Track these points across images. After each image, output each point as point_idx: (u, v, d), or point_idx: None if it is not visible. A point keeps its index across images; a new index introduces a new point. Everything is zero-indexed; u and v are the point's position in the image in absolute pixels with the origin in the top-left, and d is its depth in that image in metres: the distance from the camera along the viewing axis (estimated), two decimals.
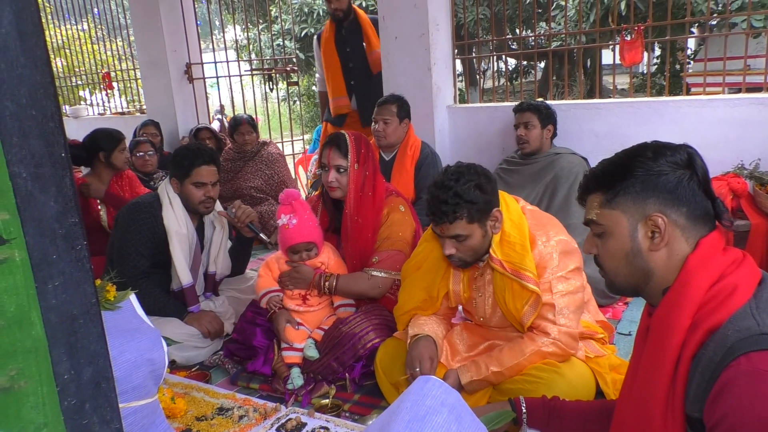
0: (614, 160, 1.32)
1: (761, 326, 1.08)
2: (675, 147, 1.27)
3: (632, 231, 1.27)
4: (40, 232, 0.73)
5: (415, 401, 1.29)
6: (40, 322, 0.74)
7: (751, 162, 3.23)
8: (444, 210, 1.97)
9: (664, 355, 1.19)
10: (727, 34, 3.91)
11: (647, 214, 1.25)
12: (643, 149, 1.28)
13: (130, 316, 1.49)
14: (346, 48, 4.66)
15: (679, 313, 1.18)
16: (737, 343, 1.08)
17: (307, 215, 2.59)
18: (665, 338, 1.20)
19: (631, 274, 1.30)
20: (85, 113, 7.64)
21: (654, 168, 1.24)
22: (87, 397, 0.79)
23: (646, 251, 1.26)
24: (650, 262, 1.27)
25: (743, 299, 1.15)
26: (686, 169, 1.24)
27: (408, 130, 3.86)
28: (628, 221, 1.27)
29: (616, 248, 1.30)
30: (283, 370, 2.49)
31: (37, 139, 0.72)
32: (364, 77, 4.68)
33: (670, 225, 1.23)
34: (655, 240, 1.24)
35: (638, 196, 1.25)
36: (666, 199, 1.23)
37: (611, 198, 1.29)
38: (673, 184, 1.23)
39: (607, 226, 1.30)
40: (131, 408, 1.40)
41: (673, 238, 1.24)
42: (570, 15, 6.62)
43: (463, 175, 2.01)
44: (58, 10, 7.97)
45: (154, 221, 2.78)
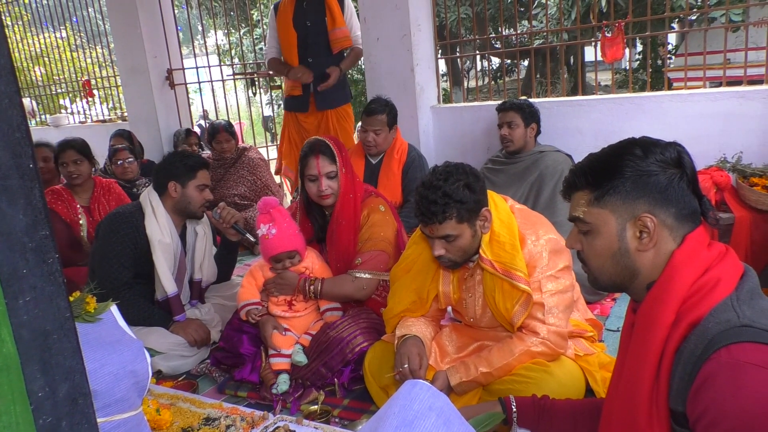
0: (602, 157, 1.30)
1: (741, 318, 1.09)
2: (664, 145, 1.25)
3: (620, 231, 1.26)
4: (8, 246, 0.71)
5: (403, 406, 1.28)
6: (11, 338, 0.72)
7: (733, 155, 3.25)
8: (433, 210, 1.95)
9: (647, 351, 1.19)
10: (707, 29, 3.93)
11: (636, 214, 1.23)
12: (632, 146, 1.26)
13: (111, 327, 1.46)
14: (306, 22, 4.28)
15: (663, 308, 1.18)
16: (717, 336, 1.08)
17: (287, 223, 2.57)
18: (649, 333, 1.20)
19: (617, 272, 1.29)
20: (66, 122, 7.56)
21: (644, 167, 1.22)
22: (63, 414, 0.77)
23: (633, 251, 1.25)
24: (637, 262, 1.26)
25: (725, 292, 1.15)
26: (675, 167, 1.23)
27: (396, 133, 3.86)
28: (616, 221, 1.26)
29: (602, 247, 1.29)
30: (270, 377, 2.47)
31: (3, 150, 0.70)
32: (323, 56, 4.31)
33: (659, 225, 1.22)
34: (644, 240, 1.24)
35: (628, 196, 1.23)
36: (656, 200, 1.22)
37: (600, 196, 1.27)
38: (663, 184, 1.22)
39: (594, 224, 1.28)
40: (114, 422, 1.37)
41: (661, 238, 1.23)
42: (551, 13, 6.65)
43: (452, 174, 1.99)
44: (36, 19, 7.89)
45: (135, 231, 2.75)
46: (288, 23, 4.27)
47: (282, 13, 4.32)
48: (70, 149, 3.59)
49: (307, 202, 2.73)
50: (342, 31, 4.25)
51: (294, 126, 4.55)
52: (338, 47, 4.30)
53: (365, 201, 2.70)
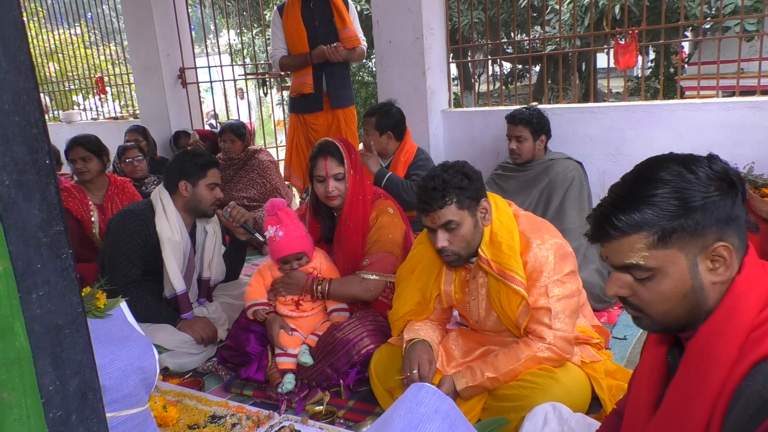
0: (647, 191, 1.11)
1: None
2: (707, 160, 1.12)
3: (692, 267, 1.10)
4: (23, 241, 0.71)
5: (409, 409, 1.28)
6: (24, 332, 0.72)
7: (745, 165, 3.23)
8: (433, 196, 2.00)
9: (703, 390, 1.07)
10: (721, 38, 3.92)
11: (708, 244, 1.09)
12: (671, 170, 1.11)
13: (120, 323, 1.47)
14: (314, 21, 4.27)
15: (725, 345, 1.05)
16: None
17: (294, 225, 2.57)
18: (706, 372, 1.07)
19: (686, 312, 1.13)
20: (78, 118, 7.61)
21: (704, 192, 1.08)
22: (73, 408, 0.78)
23: (708, 285, 1.11)
24: (710, 296, 1.11)
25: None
26: (728, 183, 1.10)
27: (404, 138, 3.84)
28: (686, 258, 1.10)
29: (671, 289, 1.12)
30: (276, 376, 2.47)
31: (21, 145, 0.70)
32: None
33: (733, 251, 1.09)
34: (719, 270, 1.09)
35: (697, 228, 1.08)
36: (723, 225, 1.09)
37: (665, 236, 1.09)
38: (729, 206, 1.09)
39: (659, 268, 1.11)
40: (121, 417, 1.38)
41: (733, 264, 1.10)
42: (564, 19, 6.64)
43: (451, 166, 2.07)
44: (51, 15, 7.95)
45: (146, 229, 2.76)
46: (298, 22, 4.27)
47: (289, 13, 4.31)
48: (78, 146, 3.61)
49: (316, 202, 2.74)
50: (351, 30, 4.24)
51: (301, 130, 4.51)
52: (349, 46, 4.27)
53: (374, 203, 2.71)
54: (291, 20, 4.29)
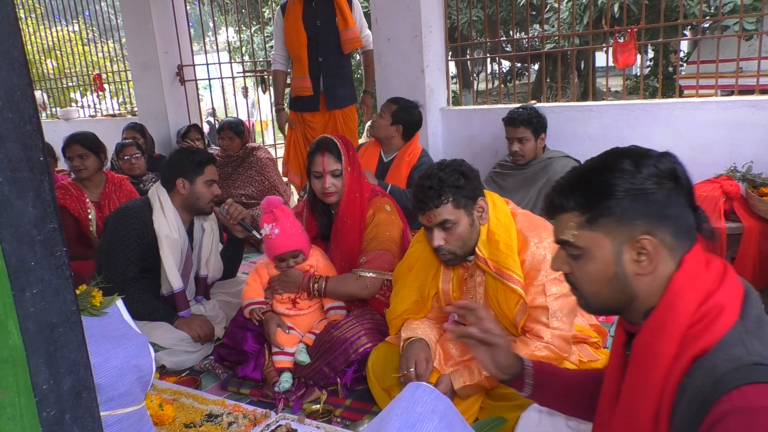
0: (590, 174, 1.19)
1: (752, 354, 1.01)
2: (657, 156, 1.16)
3: (617, 254, 1.15)
4: (17, 238, 0.71)
5: (406, 408, 1.27)
6: (17, 330, 0.72)
7: (743, 164, 3.23)
8: (429, 195, 2.00)
9: (648, 385, 1.11)
10: (720, 37, 3.91)
11: (634, 236, 1.13)
12: (620, 159, 1.16)
13: (116, 321, 1.46)
14: (316, 22, 4.24)
15: (665, 340, 1.09)
16: (728, 375, 1.00)
17: (290, 223, 2.57)
18: (649, 367, 1.12)
19: (613, 297, 1.19)
20: (76, 115, 7.59)
21: (639, 184, 1.12)
22: (67, 407, 0.77)
23: (631, 275, 1.15)
24: (635, 286, 1.16)
25: (730, 321, 1.06)
26: (671, 180, 1.13)
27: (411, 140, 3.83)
28: (611, 244, 1.15)
29: (596, 272, 1.18)
30: (273, 375, 2.47)
31: (14, 142, 0.70)
32: (333, 56, 4.31)
33: (659, 246, 1.12)
34: (643, 263, 1.14)
35: (624, 217, 1.13)
36: (654, 219, 1.12)
37: (592, 219, 1.16)
38: (662, 202, 1.12)
39: (586, 248, 1.18)
40: (117, 416, 1.38)
41: (661, 260, 1.13)
42: (563, 17, 6.63)
43: (448, 165, 2.07)
44: (49, 12, 7.92)
45: (143, 226, 2.75)
46: (298, 23, 4.23)
47: (290, 12, 4.27)
48: (75, 144, 3.60)
49: (314, 199, 2.74)
50: (353, 32, 4.23)
51: (299, 127, 4.52)
52: (349, 48, 4.29)
53: (371, 200, 2.71)
54: (291, 20, 4.26)
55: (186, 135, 5.52)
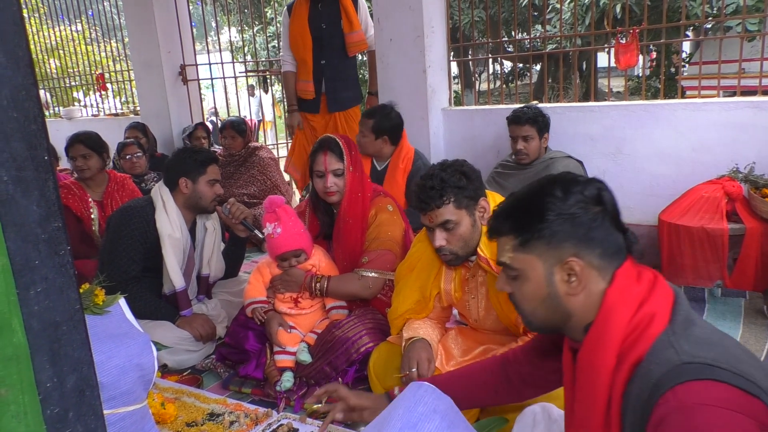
0: (523, 200, 1.28)
1: (681, 354, 1.06)
2: (584, 182, 1.23)
3: (548, 276, 1.22)
4: (21, 237, 0.71)
5: (408, 408, 1.28)
6: (21, 329, 0.72)
7: (746, 165, 3.23)
8: (431, 195, 2.00)
9: (594, 398, 1.16)
10: (722, 38, 3.91)
11: (563, 258, 1.20)
12: (552, 186, 1.23)
13: (119, 320, 1.47)
14: (321, 24, 4.23)
15: (603, 353, 1.15)
16: (661, 378, 1.05)
17: (293, 222, 2.57)
18: (592, 379, 1.17)
19: (549, 316, 1.26)
20: (79, 114, 7.60)
21: (566, 210, 1.20)
22: (70, 405, 0.77)
23: (563, 295, 1.22)
24: (568, 305, 1.22)
25: (661, 327, 1.12)
26: (597, 205, 1.21)
27: (400, 143, 3.78)
28: (543, 266, 1.22)
29: (532, 292, 1.25)
30: (274, 374, 2.47)
31: (19, 141, 0.70)
32: (337, 58, 4.31)
33: (586, 268, 1.19)
34: (573, 284, 1.20)
35: (552, 240, 1.20)
36: (581, 242, 1.19)
37: (524, 242, 1.24)
38: (586, 226, 1.19)
39: (521, 270, 1.25)
40: (119, 414, 1.38)
41: (590, 280, 1.20)
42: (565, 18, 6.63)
43: (449, 165, 2.07)
44: (52, 11, 7.94)
45: (146, 225, 2.76)
46: (303, 24, 4.22)
47: (296, 14, 4.26)
48: (78, 143, 3.60)
49: (316, 198, 2.74)
50: (358, 34, 4.21)
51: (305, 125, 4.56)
52: (354, 51, 4.28)
53: (373, 200, 2.71)
54: (297, 22, 4.25)
55: (192, 134, 5.53)
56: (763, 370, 1.07)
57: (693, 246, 3.10)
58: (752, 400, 1.00)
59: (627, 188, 3.76)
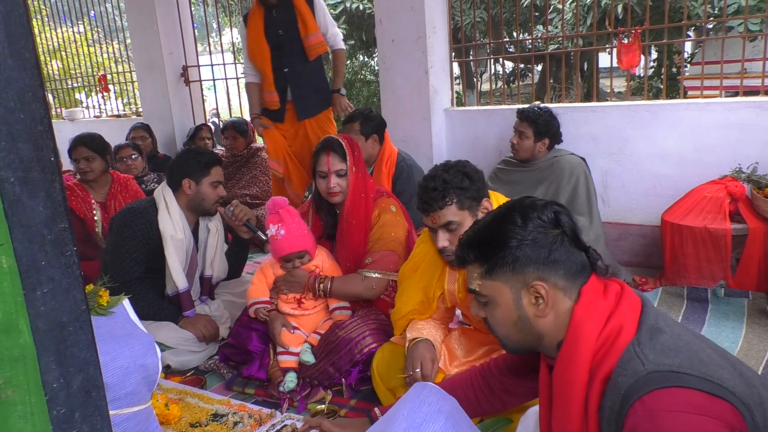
0: (485, 229, 1.31)
1: (646, 364, 1.08)
2: (541, 207, 1.27)
3: (516, 300, 1.26)
4: (28, 238, 0.72)
5: (412, 408, 1.28)
6: (28, 329, 0.72)
7: (748, 165, 3.23)
8: (433, 196, 1.99)
9: (570, 413, 1.18)
10: (724, 38, 3.91)
11: (528, 282, 1.23)
12: (511, 214, 1.27)
13: (123, 321, 1.47)
14: (278, 31, 4.06)
15: (575, 369, 1.17)
16: (629, 389, 1.07)
17: (296, 223, 2.57)
18: (567, 395, 1.19)
19: (522, 338, 1.29)
20: (81, 116, 7.61)
21: (526, 236, 1.23)
22: (77, 405, 0.78)
23: (533, 318, 1.25)
24: (539, 327, 1.25)
25: (628, 338, 1.14)
26: (555, 228, 1.24)
27: (383, 143, 3.74)
28: (510, 291, 1.26)
29: (503, 317, 1.28)
30: (278, 375, 2.47)
31: (26, 143, 0.71)
32: (299, 64, 4.12)
33: (551, 289, 1.22)
34: (540, 306, 1.23)
35: (516, 266, 1.24)
36: (543, 265, 1.22)
37: (490, 269, 1.27)
38: (547, 249, 1.22)
39: (490, 296, 1.28)
40: (124, 415, 1.38)
41: (556, 300, 1.23)
42: (567, 18, 6.63)
43: (452, 166, 2.06)
44: (55, 13, 7.95)
45: (149, 227, 2.76)
46: (260, 34, 4.08)
47: (252, 24, 4.11)
48: (81, 146, 3.60)
49: (319, 199, 2.74)
50: (316, 37, 4.03)
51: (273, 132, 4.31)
52: (314, 54, 4.09)
53: (376, 201, 2.71)
54: (253, 32, 4.11)
55: (196, 134, 5.52)
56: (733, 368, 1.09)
57: (696, 246, 3.10)
58: (719, 402, 1.02)
59: (629, 188, 3.76)
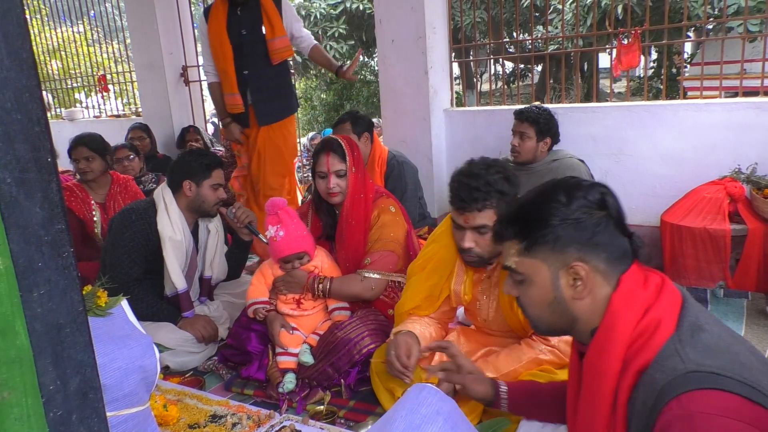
0: (528, 206, 1.29)
1: (686, 363, 1.06)
2: (587, 187, 1.24)
3: (554, 280, 1.23)
4: (24, 239, 0.71)
5: (411, 410, 1.28)
6: (24, 331, 0.72)
7: (748, 166, 3.22)
8: (475, 196, 1.93)
9: (599, 402, 1.17)
10: (724, 38, 3.91)
11: (567, 262, 1.21)
12: (556, 192, 1.24)
13: (121, 322, 1.47)
14: (241, 30, 3.80)
15: (608, 358, 1.15)
16: (666, 387, 1.05)
17: (295, 224, 2.57)
18: (598, 384, 1.17)
19: (556, 320, 1.27)
20: (81, 116, 7.60)
21: (570, 215, 1.20)
22: (73, 408, 0.77)
23: (569, 299, 1.23)
24: (574, 310, 1.23)
25: (667, 333, 1.12)
26: (601, 210, 1.21)
27: (373, 143, 3.74)
28: (548, 270, 1.23)
29: (537, 296, 1.26)
30: (277, 376, 2.47)
31: (23, 143, 0.70)
32: (261, 67, 3.84)
33: (591, 272, 1.20)
34: (578, 288, 1.21)
35: (557, 245, 1.21)
36: (585, 246, 1.20)
37: (529, 247, 1.24)
38: (590, 231, 1.20)
39: (526, 274, 1.26)
40: (122, 416, 1.38)
41: (595, 284, 1.21)
42: (567, 18, 6.63)
43: (492, 166, 1.99)
44: (54, 13, 7.95)
45: (148, 228, 2.76)
46: (221, 32, 3.81)
47: (214, 20, 3.83)
48: (81, 146, 3.59)
49: (318, 199, 2.74)
50: (282, 40, 3.79)
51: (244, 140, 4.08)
52: (278, 58, 3.83)
53: (376, 201, 2.71)
54: (215, 29, 3.84)
55: (183, 138, 5.52)
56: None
57: (695, 247, 3.10)
58: (757, 409, 1.00)
59: (629, 189, 3.76)
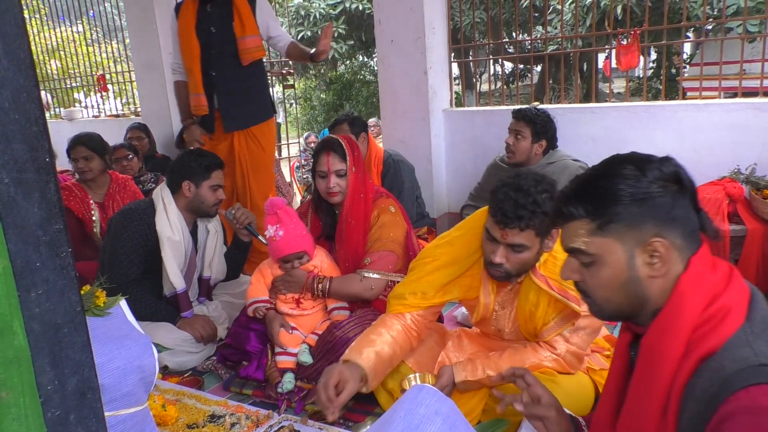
0: (595, 181, 1.21)
1: (758, 355, 1.02)
2: (660, 160, 1.19)
3: (629, 259, 1.17)
4: (22, 239, 0.71)
5: (409, 410, 1.27)
6: (22, 331, 0.72)
7: (747, 167, 3.23)
8: (520, 214, 1.82)
9: (656, 385, 1.13)
10: (723, 39, 3.91)
11: (645, 239, 1.15)
12: (624, 165, 1.19)
13: (120, 322, 1.47)
14: (210, 28, 3.61)
15: (672, 341, 1.11)
16: (734, 375, 1.01)
17: (294, 224, 2.57)
18: (657, 366, 1.13)
19: (627, 302, 1.20)
20: (80, 115, 7.60)
21: (645, 188, 1.15)
22: (71, 408, 0.77)
23: (645, 278, 1.16)
24: (648, 289, 1.17)
25: (737, 323, 1.08)
26: (675, 183, 1.16)
27: (368, 143, 3.75)
28: (623, 248, 1.17)
29: (610, 277, 1.19)
30: (275, 375, 2.47)
31: (20, 143, 0.70)
32: (229, 67, 3.65)
33: (671, 248, 1.14)
34: (656, 266, 1.15)
35: (634, 221, 1.15)
36: (663, 221, 1.14)
37: (602, 225, 1.17)
38: (669, 204, 1.14)
39: (597, 255, 1.19)
40: (120, 416, 1.38)
41: (672, 261, 1.15)
42: (566, 19, 6.63)
43: (540, 182, 1.89)
44: (53, 13, 7.95)
45: (147, 228, 2.76)
46: (190, 29, 3.62)
47: (183, 17, 3.65)
48: (80, 145, 3.59)
49: (318, 199, 2.74)
50: (253, 40, 3.60)
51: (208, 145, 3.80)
52: (248, 58, 3.62)
53: (376, 201, 2.71)
54: (183, 25, 3.66)
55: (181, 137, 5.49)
56: None
57: None
58: None
59: None
